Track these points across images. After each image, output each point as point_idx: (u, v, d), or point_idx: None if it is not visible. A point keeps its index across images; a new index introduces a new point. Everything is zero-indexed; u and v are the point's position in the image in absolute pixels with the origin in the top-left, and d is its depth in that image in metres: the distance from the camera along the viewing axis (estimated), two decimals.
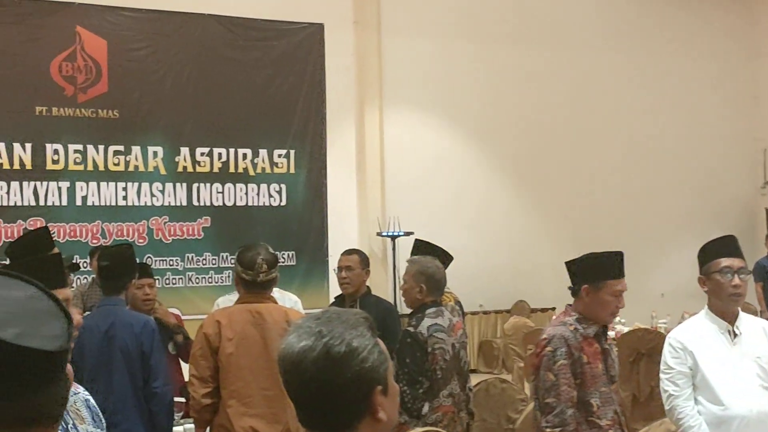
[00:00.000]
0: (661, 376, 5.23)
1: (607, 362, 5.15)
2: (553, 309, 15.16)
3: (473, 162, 15.80)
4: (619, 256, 5.15)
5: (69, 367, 1.75)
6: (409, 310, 6.31)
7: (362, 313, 2.25)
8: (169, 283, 12.95)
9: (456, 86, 15.54)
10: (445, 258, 7.70)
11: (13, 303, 1.66)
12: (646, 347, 9.75)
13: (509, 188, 16.14)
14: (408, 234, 13.86)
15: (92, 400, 3.51)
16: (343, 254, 7.66)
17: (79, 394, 3.44)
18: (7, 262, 6.11)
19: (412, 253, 7.53)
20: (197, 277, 13.39)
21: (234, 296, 7.11)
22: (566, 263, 5.26)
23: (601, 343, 5.16)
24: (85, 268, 10.90)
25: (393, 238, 14.46)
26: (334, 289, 12.89)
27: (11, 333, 1.59)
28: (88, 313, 6.73)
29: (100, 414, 3.52)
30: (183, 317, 8.86)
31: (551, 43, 16.33)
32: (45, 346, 1.61)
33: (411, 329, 5.94)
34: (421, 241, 8.06)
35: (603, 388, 5.06)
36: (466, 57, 15.64)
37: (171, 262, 13.24)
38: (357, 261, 7.47)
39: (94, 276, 9.68)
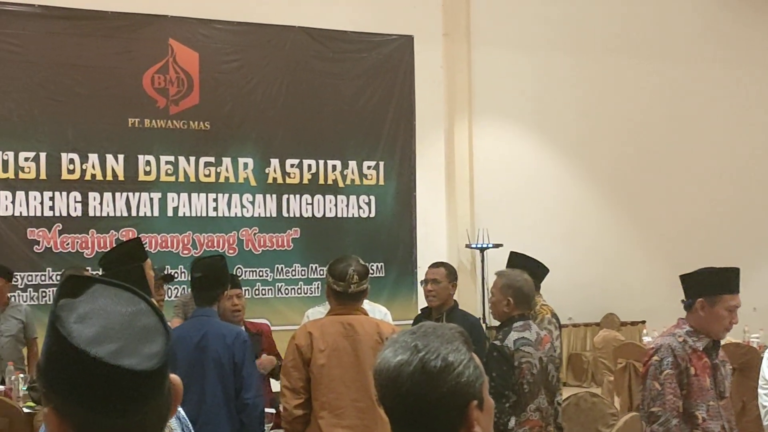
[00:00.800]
0: (760, 391, 5.20)
1: (717, 377, 5.02)
2: (643, 322, 14.88)
3: (565, 175, 15.49)
4: (735, 271, 5.17)
5: (178, 381, 1.71)
6: (498, 323, 6.18)
7: (458, 328, 2.23)
8: (258, 294, 12.85)
9: (548, 98, 15.24)
10: (541, 271, 7.60)
11: (117, 317, 1.61)
12: (739, 362, 9.46)
13: (602, 202, 15.81)
14: (497, 246, 13.68)
15: (182, 412, 3.48)
16: (430, 267, 7.71)
17: None
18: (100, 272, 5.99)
19: (507, 265, 7.42)
20: (286, 288, 13.28)
21: (324, 308, 7.28)
22: (681, 277, 5.25)
23: (711, 358, 5.04)
24: (185, 279, 10.89)
25: (482, 250, 14.23)
26: (423, 301, 12.75)
27: (107, 350, 1.54)
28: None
29: (190, 426, 3.55)
30: (272, 328, 8.83)
31: (647, 56, 15.92)
32: (139, 365, 1.55)
33: (497, 343, 5.85)
34: (516, 253, 7.92)
35: (711, 402, 4.93)
36: (558, 69, 15.34)
37: (260, 273, 13.15)
38: (444, 274, 7.48)
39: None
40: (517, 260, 7.62)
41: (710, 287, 5.09)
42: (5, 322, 9.57)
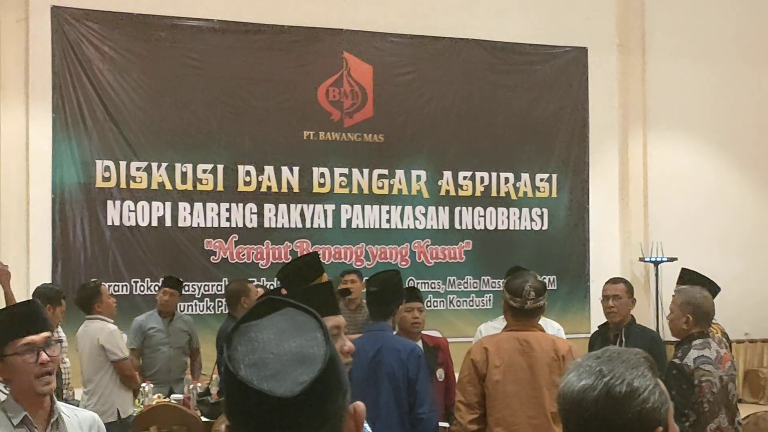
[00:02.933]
0: None
1: None
2: None
3: (744, 189, 14.62)
4: None
5: (361, 408, 1.70)
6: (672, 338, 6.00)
7: (643, 353, 2.19)
8: (430, 306, 12.39)
9: (725, 109, 14.42)
10: (713, 289, 7.21)
11: (285, 344, 1.58)
12: None
13: None
14: (671, 260, 13.07)
15: (368, 428, 3.40)
16: (609, 282, 7.56)
17: None
18: (277, 284, 6.09)
19: (678, 283, 7.12)
20: (459, 301, 12.98)
21: (496, 323, 7.40)
22: None
23: None
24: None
25: (656, 264, 13.59)
26: (595, 315, 12.45)
27: (258, 374, 1.53)
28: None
29: None
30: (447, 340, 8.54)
31: None
32: (282, 391, 1.52)
33: (677, 361, 5.68)
34: (689, 270, 7.48)
35: None
36: (736, 79, 14.50)
37: (433, 285, 12.86)
38: (624, 290, 7.37)
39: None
40: (689, 277, 7.25)
41: None
42: (173, 334, 9.63)
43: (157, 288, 11.20)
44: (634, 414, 2.07)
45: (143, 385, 8.80)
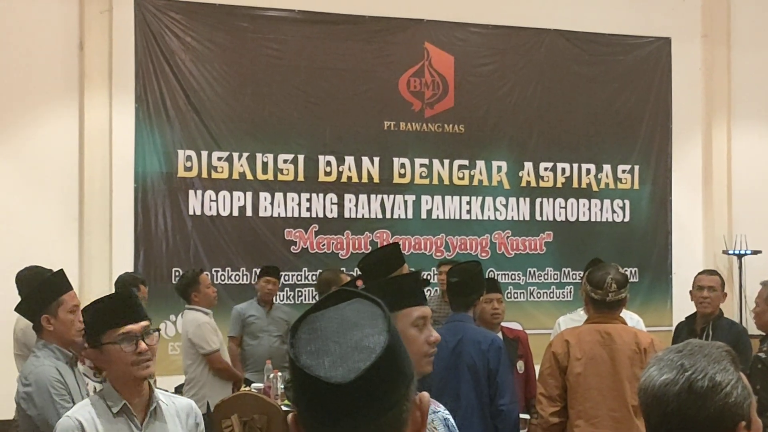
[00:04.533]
0: None
1: None
2: None
3: None
4: None
5: (426, 399, 1.67)
6: (758, 331, 6.14)
7: (725, 347, 2.15)
8: (510, 297, 12.13)
9: None
10: None
11: (347, 330, 1.58)
12: None
13: None
14: (756, 253, 12.71)
15: (452, 420, 3.50)
16: (704, 273, 7.55)
17: (439, 413, 3.47)
18: (357, 274, 6.14)
19: None
20: (539, 292, 12.70)
21: (576, 315, 7.53)
22: None
23: None
24: (433, 280, 10.62)
25: (739, 256, 13.11)
26: (678, 307, 12.11)
27: (316, 362, 1.55)
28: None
29: None
30: (525, 331, 8.54)
31: None
32: (334, 378, 1.53)
33: (762, 355, 5.66)
34: None
35: None
36: None
37: (513, 277, 12.60)
38: (719, 282, 7.32)
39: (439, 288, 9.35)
40: None
41: None
42: (273, 323, 9.60)
43: (237, 277, 11.09)
44: (716, 409, 2.03)
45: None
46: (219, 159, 11.54)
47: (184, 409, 3.78)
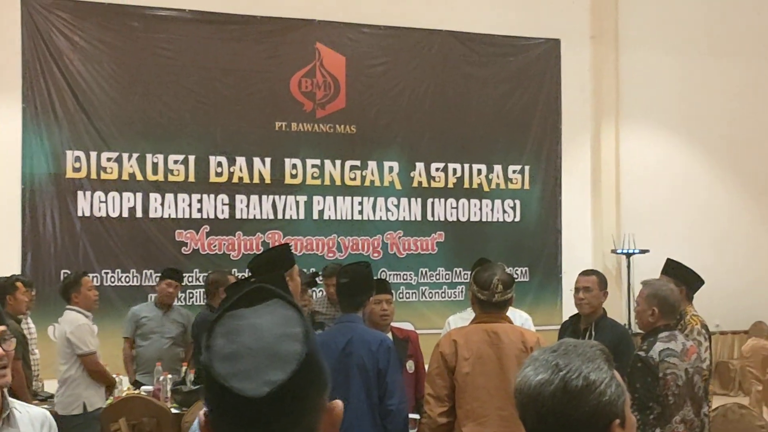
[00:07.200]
0: None
1: None
2: None
3: (715, 180, 14.77)
4: None
5: (339, 407, 1.72)
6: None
7: (598, 345, 2.19)
8: (402, 298, 12.52)
9: (698, 102, 14.53)
10: (695, 281, 7.33)
11: (263, 339, 1.58)
12: None
13: (753, 207, 14.98)
14: (643, 252, 13.23)
15: None
16: (581, 274, 7.38)
17: None
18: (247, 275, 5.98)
19: (662, 272, 7.23)
20: (431, 292, 13.00)
21: (465, 314, 7.32)
22: None
23: None
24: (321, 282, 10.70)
25: (628, 255, 13.68)
26: (567, 307, 12.52)
27: (230, 369, 1.54)
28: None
29: None
30: (416, 331, 8.58)
31: None
32: (250, 390, 1.52)
33: (642, 353, 5.64)
34: (674, 261, 7.48)
35: None
36: (707, 72, 14.62)
37: (405, 277, 12.90)
38: (596, 282, 7.18)
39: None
40: (672, 267, 7.29)
41: None
42: (169, 324, 9.61)
43: (127, 279, 11.17)
44: (591, 407, 2.06)
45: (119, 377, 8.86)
46: (108, 160, 11.63)
47: (38, 419, 3.66)
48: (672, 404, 5.54)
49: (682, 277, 6.99)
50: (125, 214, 11.69)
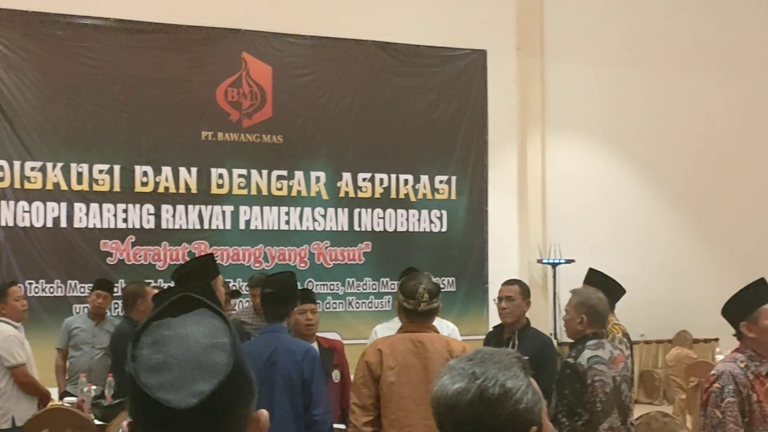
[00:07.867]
0: None
1: None
2: (716, 340, 14.33)
3: (638, 189, 15.07)
4: (761, 281, 5.20)
5: (265, 416, 1.75)
6: (569, 339, 6.07)
7: (515, 353, 2.22)
8: (329, 308, 12.62)
9: (621, 113, 14.83)
10: (617, 290, 7.44)
11: (190, 349, 1.58)
12: None
13: (674, 216, 15.30)
14: (569, 262, 13.42)
15: None
16: (504, 284, 7.38)
17: None
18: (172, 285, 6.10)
19: (584, 282, 7.32)
20: (357, 302, 13.08)
21: (393, 323, 7.28)
22: (722, 314, 5.22)
23: None
24: (246, 292, 10.67)
25: (554, 265, 13.88)
26: (494, 316, 12.48)
27: (157, 380, 1.54)
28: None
29: None
30: (343, 341, 8.48)
31: (719, 70, 15.43)
32: (177, 401, 1.52)
33: (571, 360, 5.69)
34: (595, 270, 7.65)
35: None
36: (631, 83, 14.92)
37: (332, 287, 12.96)
38: (518, 291, 7.19)
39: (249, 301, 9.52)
40: (595, 277, 7.43)
41: (744, 307, 5.08)
42: (100, 335, 9.50)
43: (51, 289, 11.10)
44: (508, 415, 2.08)
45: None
46: (32, 169, 11.57)
47: None
48: (600, 411, 5.60)
49: (604, 287, 6.95)
50: (49, 224, 11.62)
